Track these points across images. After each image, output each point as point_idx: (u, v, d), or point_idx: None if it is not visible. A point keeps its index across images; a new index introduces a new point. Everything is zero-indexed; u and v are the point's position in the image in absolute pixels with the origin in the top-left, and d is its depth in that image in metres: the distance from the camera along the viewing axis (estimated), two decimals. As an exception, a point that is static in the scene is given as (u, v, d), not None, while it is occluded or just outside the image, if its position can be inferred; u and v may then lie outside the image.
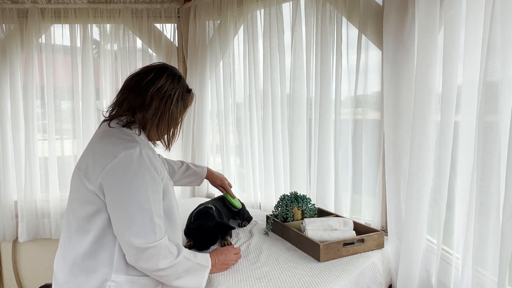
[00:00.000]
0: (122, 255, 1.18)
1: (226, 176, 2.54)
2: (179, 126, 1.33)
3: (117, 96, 1.30)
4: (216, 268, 1.37)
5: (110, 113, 1.30)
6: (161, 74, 1.26)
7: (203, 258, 1.32)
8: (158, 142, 1.37)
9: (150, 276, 1.22)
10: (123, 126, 1.24)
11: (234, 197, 1.85)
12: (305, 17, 2.02)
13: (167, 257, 1.17)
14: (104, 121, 1.29)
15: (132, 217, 1.12)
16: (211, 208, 1.66)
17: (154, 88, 1.23)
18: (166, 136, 1.32)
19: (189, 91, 1.34)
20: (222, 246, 1.57)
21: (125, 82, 1.30)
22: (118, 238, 1.15)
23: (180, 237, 1.35)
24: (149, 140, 1.32)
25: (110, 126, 1.25)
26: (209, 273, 1.32)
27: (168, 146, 1.34)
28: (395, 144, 1.59)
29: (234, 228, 1.70)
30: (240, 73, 2.44)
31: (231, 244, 1.59)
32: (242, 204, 1.97)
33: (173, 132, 1.32)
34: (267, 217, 1.83)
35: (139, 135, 1.25)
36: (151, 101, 1.23)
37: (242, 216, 1.94)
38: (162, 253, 1.16)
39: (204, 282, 1.28)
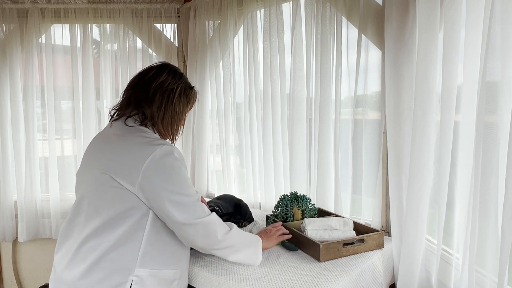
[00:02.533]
0: (147, 250, 1.20)
1: (226, 176, 2.55)
2: (182, 122, 1.37)
3: (123, 95, 1.32)
4: (265, 241, 1.46)
5: (118, 112, 1.31)
6: (162, 71, 1.30)
7: (251, 235, 1.40)
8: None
9: (171, 265, 1.26)
10: (141, 124, 1.27)
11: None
12: (305, 17, 2.02)
13: (223, 227, 1.26)
14: (115, 120, 1.30)
15: (183, 204, 1.18)
16: (218, 210, 1.67)
17: (157, 82, 1.27)
18: (170, 131, 1.34)
19: (191, 87, 1.38)
20: None
21: (129, 82, 1.34)
22: (176, 230, 1.20)
23: None
24: (160, 135, 1.35)
25: (127, 125, 1.26)
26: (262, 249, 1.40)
27: (172, 140, 1.37)
28: (397, 144, 1.59)
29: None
30: (240, 73, 2.44)
31: None
32: (245, 205, 1.98)
33: (177, 127, 1.35)
34: (267, 217, 1.83)
35: (155, 134, 1.29)
36: (154, 95, 1.26)
37: (244, 216, 1.95)
38: (217, 224, 1.24)
39: (260, 256, 1.38)
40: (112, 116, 1.33)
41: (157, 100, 1.26)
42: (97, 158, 1.25)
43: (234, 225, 1.33)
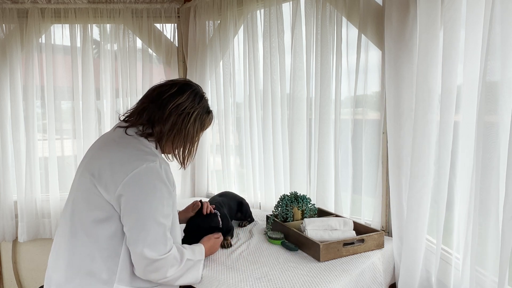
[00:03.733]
0: (127, 266, 1.19)
1: (226, 175, 2.55)
2: (195, 145, 1.33)
3: (137, 104, 1.29)
4: (206, 256, 1.43)
5: (128, 119, 1.29)
6: (183, 91, 1.26)
7: (199, 252, 1.36)
8: (172, 158, 1.36)
9: (149, 283, 1.24)
10: (141, 135, 1.24)
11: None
12: (305, 17, 2.02)
13: (174, 265, 1.21)
14: (120, 126, 1.28)
15: (147, 230, 1.14)
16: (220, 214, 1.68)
17: (174, 103, 1.23)
18: (181, 153, 1.32)
19: (208, 112, 1.34)
20: (222, 246, 1.61)
21: (147, 91, 1.31)
22: (131, 249, 1.15)
23: (179, 240, 1.36)
24: (162, 153, 1.32)
25: (127, 134, 1.24)
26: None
27: (183, 164, 1.33)
28: (397, 144, 1.59)
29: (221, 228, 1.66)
30: (240, 73, 2.44)
31: (231, 244, 1.62)
32: (247, 204, 1.99)
33: (189, 151, 1.32)
34: (267, 217, 1.83)
35: (156, 149, 1.25)
36: (169, 116, 1.23)
37: (245, 214, 1.95)
38: (170, 262, 1.19)
39: (201, 274, 1.34)
40: (120, 121, 1.31)
41: (171, 121, 1.23)
42: (92, 161, 1.23)
43: (185, 253, 1.26)
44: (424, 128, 1.37)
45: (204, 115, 1.32)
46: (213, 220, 1.59)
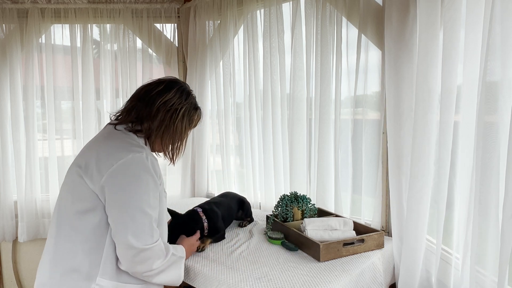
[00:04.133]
0: (110, 260, 1.18)
1: (226, 175, 2.55)
2: (184, 141, 1.34)
3: (126, 103, 1.31)
4: (187, 254, 1.44)
5: (117, 118, 1.31)
6: (170, 88, 1.28)
7: (181, 250, 1.36)
8: (162, 154, 1.37)
9: (135, 280, 1.23)
10: (129, 131, 1.25)
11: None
12: (305, 17, 2.02)
13: (160, 257, 1.21)
14: (110, 123, 1.30)
15: (132, 219, 1.13)
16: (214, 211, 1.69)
17: (162, 100, 1.25)
18: (170, 149, 1.33)
19: (196, 108, 1.36)
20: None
21: (136, 91, 1.33)
22: (116, 239, 1.15)
23: (166, 240, 1.35)
24: (153, 151, 1.33)
25: (116, 129, 1.26)
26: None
27: (172, 160, 1.34)
28: (397, 144, 1.59)
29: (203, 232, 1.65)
30: (240, 73, 2.45)
31: (203, 249, 1.60)
32: (248, 203, 1.99)
33: (178, 147, 1.33)
34: (267, 217, 1.83)
35: (145, 144, 1.27)
36: (157, 113, 1.24)
37: (246, 213, 1.95)
38: (156, 254, 1.19)
39: (183, 273, 1.34)
40: (111, 120, 1.33)
41: (159, 118, 1.25)
42: (80, 156, 1.25)
43: (170, 247, 1.27)
44: (424, 128, 1.37)
45: (192, 111, 1.33)
46: (194, 216, 1.60)
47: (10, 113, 2.66)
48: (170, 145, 1.31)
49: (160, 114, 1.25)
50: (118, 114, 1.31)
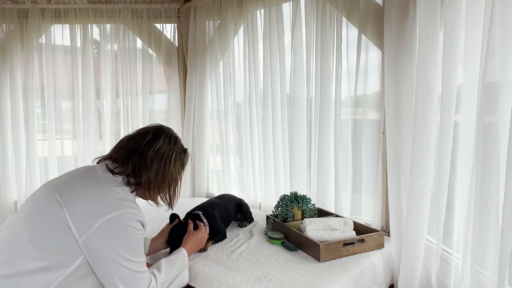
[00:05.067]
0: None
1: (226, 176, 2.55)
2: (179, 184, 1.36)
3: (119, 153, 1.26)
4: (194, 250, 1.47)
5: (114, 166, 1.24)
6: (158, 136, 1.29)
7: (180, 261, 1.35)
8: (156, 203, 1.36)
9: None
10: (126, 184, 1.22)
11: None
12: (305, 17, 2.03)
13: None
14: (107, 168, 1.23)
15: (132, 270, 1.13)
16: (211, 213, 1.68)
17: (153, 149, 1.25)
18: (168, 196, 1.33)
19: (184, 151, 1.38)
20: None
21: (122, 142, 1.29)
22: None
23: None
24: (146, 198, 1.32)
25: (111, 177, 1.21)
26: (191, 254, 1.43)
27: (170, 205, 1.34)
28: (396, 144, 1.59)
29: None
30: (240, 73, 2.45)
31: (206, 249, 1.60)
32: (246, 204, 1.98)
33: (174, 191, 1.34)
34: (267, 217, 1.83)
35: (134, 197, 1.25)
36: (152, 163, 1.24)
37: (245, 215, 1.95)
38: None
39: (187, 278, 1.37)
40: (107, 166, 1.26)
41: (154, 168, 1.24)
42: (66, 181, 1.19)
43: (159, 278, 1.25)
44: (424, 128, 1.37)
45: (182, 155, 1.35)
46: (196, 221, 1.59)
47: (10, 113, 2.66)
48: (168, 192, 1.32)
49: (154, 164, 1.24)
50: (116, 167, 1.24)
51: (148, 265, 1.49)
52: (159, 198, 1.33)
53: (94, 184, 1.18)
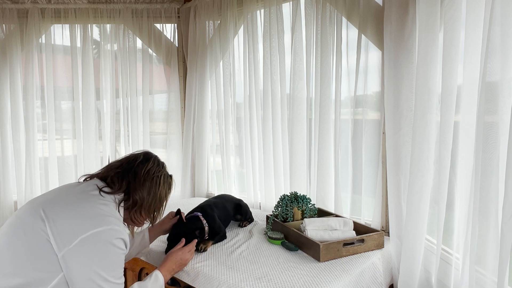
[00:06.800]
0: None
1: (226, 176, 2.55)
2: (164, 206, 1.39)
3: (112, 171, 1.28)
4: (174, 270, 1.43)
5: (103, 184, 1.25)
6: (148, 159, 1.34)
7: (153, 282, 1.33)
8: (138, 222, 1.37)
9: None
10: (114, 198, 1.22)
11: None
12: (305, 17, 2.03)
13: None
14: (97, 185, 1.23)
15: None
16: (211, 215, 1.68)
17: (145, 169, 1.30)
18: (153, 216, 1.36)
19: (170, 176, 1.42)
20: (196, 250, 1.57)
21: (113, 163, 1.32)
22: None
23: None
24: (130, 220, 1.31)
25: (101, 194, 1.20)
26: (172, 275, 1.41)
27: (152, 222, 1.37)
28: (396, 144, 1.59)
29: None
30: (240, 73, 2.45)
31: (205, 249, 1.60)
32: (245, 204, 1.98)
33: (158, 211, 1.37)
34: (267, 217, 1.83)
35: (121, 212, 1.24)
36: (144, 182, 1.28)
37: (245, 216, 1.95)
38: None
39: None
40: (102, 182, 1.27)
41: (147, 186, 1.28)
42: (54, 198, 1.18)
43: None
44: (424, 128, 1.37)
45: (168, 178, 1.40)
46: (196, 223, 1.60)
47: (10, 113, 2.66)
48: (154, 211, 1.34)
49: (146, 183, 1.28)
50: (105, 185, 1.24)
51: (146, 264, 1.50)
52: (143, 218, 1.34)
53: (80, 200, 1.16)
